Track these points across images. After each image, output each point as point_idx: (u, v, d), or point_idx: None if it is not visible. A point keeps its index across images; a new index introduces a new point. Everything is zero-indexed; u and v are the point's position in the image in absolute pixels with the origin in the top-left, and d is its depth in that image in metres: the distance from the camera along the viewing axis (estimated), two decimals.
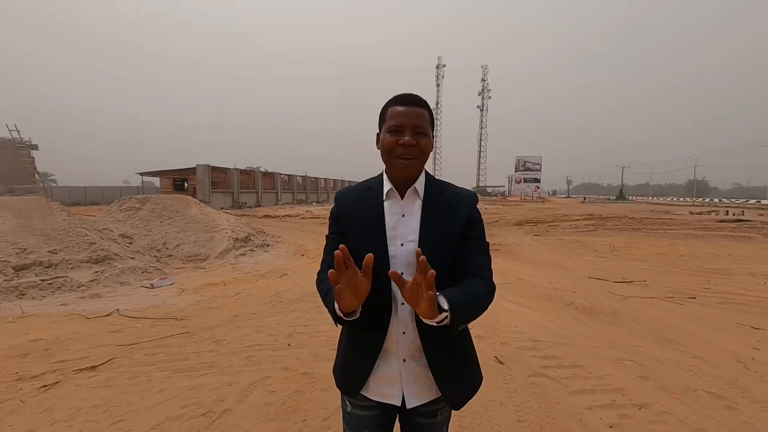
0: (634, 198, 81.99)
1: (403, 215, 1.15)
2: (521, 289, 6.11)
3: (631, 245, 10.93)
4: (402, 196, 1.16)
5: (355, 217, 1.18)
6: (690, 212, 26.31)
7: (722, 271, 7.42)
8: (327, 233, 1.26)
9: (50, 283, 5.69)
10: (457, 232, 1.14)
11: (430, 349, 1.12)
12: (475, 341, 1.27)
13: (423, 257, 0.90)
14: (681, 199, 76.07)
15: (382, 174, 1.22)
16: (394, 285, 1.11)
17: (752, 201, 52.12)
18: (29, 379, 3.06)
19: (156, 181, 41.59)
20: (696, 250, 10.04)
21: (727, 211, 26.01)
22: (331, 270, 0.94)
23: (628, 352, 3.68)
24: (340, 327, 1.15)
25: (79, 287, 5.81)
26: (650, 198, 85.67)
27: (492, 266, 1.21)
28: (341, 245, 0.96)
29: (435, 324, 0.97)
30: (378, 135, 1.18)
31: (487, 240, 1.23)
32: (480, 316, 1.11)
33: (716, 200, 62.74)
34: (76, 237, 6.96)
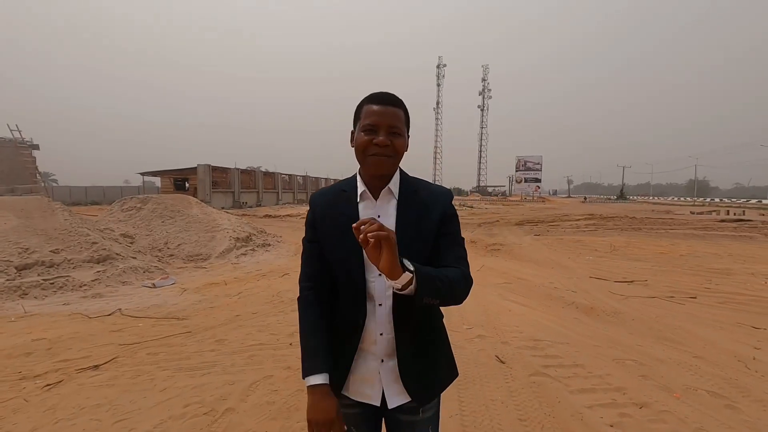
0: (635, 198, 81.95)
1: (379, 216, 1.13)
2: (522, 288, 6.12)
3: (631, 245, 10.93)
4: (376, 197, 1.15)
5: (329, 221, 1.17)
6: (691, 212, 26.30)
7: (723, 271, 7.43)
8: (303, 237, 1.25)
9: (52, 283, 5.71)
10: (433, 230, 1.14)
11: (402, 349, 1.13)
12: (476, 341, 1.28)
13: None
14: (682, 198, 76.00)
15: (355, 175, 1.20)
16: (369, 287, 1.12)
17: (753, 201, 52.06)
18: (32, 378, 3.08)
19: (157, 180, 41.64)
20: (697, 249, 10.04)
21: (728, 211, 25.98)
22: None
23: (628, 352, 3.69)
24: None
25: (81, 287, 5.83)
26: (651, 198, 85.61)
27: (492, 267, 1.21)
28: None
29: (400, 288, 0.97)
30: (352, 133, 1.16)
31: (486, 239, 1.23)
32: (477, 315, 1.11)
33: (717, 200, 62.67)
34: (78, 237, 6.98)
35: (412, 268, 0.97)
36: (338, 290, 1.19)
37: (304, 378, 1.10)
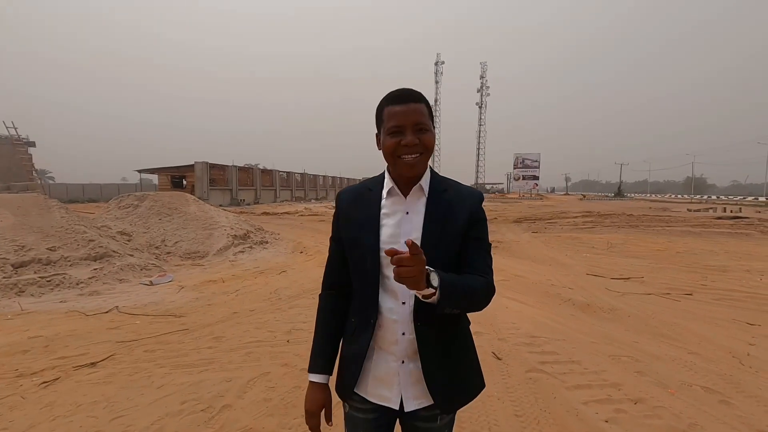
0: (633, 195, 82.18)
1: (408, 213, 1.12)
2: (519, 285, 6.14)
3: (628, 242, 10.97)
4: (406, 194, 1.13)
5: (351, 217, 1.17)
6: (688, 209, 26.37)
7: (719, 268, 7.46)
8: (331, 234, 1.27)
9: (49, 281, 5.70)
10: (460, 231, 1.11)
11: (425, 350, 1.10)
12: (473, 337, 1.28)
13: (411, 241, 0.88)
14: (679, 196, 76.18)
15: (383, 174, 1.19)
16: (393, 285, 1.09)
17: (750, 198, 52.25)
18: (29, 376, 3.08)
19: (154, 178, 41.52)
20: (693, 247, 10.08)
21: (725, 208, 26.06)
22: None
23: (624, 348, 3.71)
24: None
25: (78, 284, 5.82)
26: (648, 195, 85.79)
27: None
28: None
29: (421, 297, 0.97)
30: (377, 136, 1.14)
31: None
32: (476, 312, 1.10)
33: (714, 197, 62.87)
34: (75, 234, 6.96)
35: (436, 284, 0.94)
36: (355, 287, 1.19)
37: (308, 372, 1.22)
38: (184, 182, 36.96)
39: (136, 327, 4.23)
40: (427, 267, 0.93)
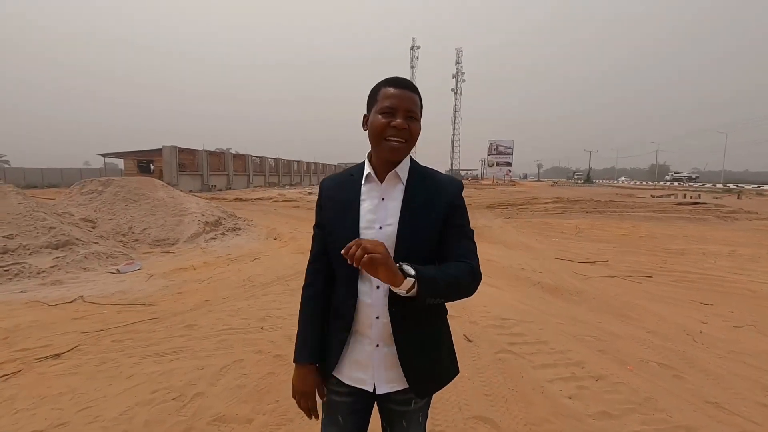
0: (600, 182, 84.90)
1: (383, 199, 1.13)
2: (490, 270, 6.29)
3: (595, 227, 11.39)
4: (382, 180, 1.15)
5: (332, 202, 1.20)
6: (651, 195, 27.52)
7: (678, 251, 7.87)
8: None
9: (7, 270, 5.43)
10: (439, 219, 1.13)
11: (399, 335, 1.13)
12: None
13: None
14: (644, 183, 79.28)
15: (364, 161, 1.21)
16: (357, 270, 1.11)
17: (708, 185, 54.96)
18: None
19: (119, 162, 39.82)
20: (655, 231, 10.57)
21: (686, 195, 27.33)
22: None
23: (588, 328, 3.89)
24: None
25: (38, 273, 5.57)
26: (618, 181, 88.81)
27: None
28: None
29: (405, 293, 0.98)
30: (365, 117, 1.15)
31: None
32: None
33: (676, 184, 65.72)
34: (34, 221, 6.63)
35: (413, 273, 0.97)
36: (335, 272, 1.21)
37: (294, 362, 1.23)
38: (152, 167, 35.63)
39: (103, 316, 4.11)
40: (399, 262, 0.97)
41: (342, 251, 0.95)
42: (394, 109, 1.08)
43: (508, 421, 2.42)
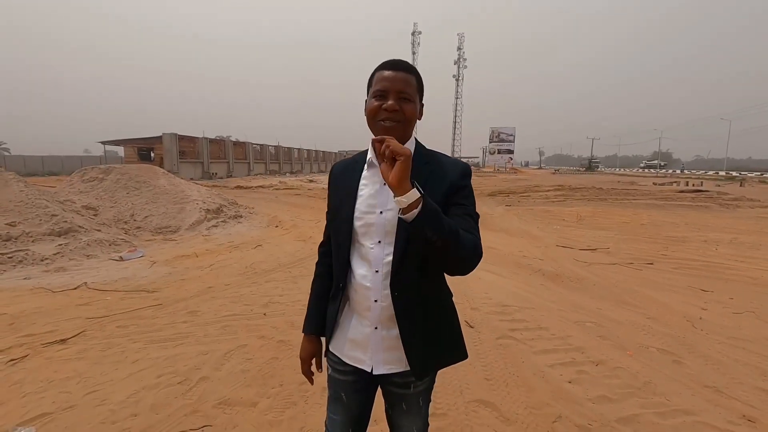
0: (603, 169, 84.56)
1: (384, 183, 1.08)
2: (492, 257, 6.31)
3: (597, 215, 11.38)
4: None
5: (337, 187, 1.24)
6: (653, 183, 27.43)
7: (679, 239, 7.87)
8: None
9: (10, 257, 5.46)
10: (441, 202, 1.06)
11: (402, 320, 1.13)
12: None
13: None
14: (646, 170, 79.00)
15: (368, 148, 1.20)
16: (367, 253, 1.13)
17: (711, 172, 54.69)
18: None
19: (120, 150, 39.70)
20: (656, 219, 10.56)
21: (688, 182, 27.25)
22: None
23: (589, 315, 3.91)
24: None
25: (42, 260, 5.60)
26: (617, 169, 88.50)
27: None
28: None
29: (405, 206, 0.93)
30: (366, 102, 1.15)
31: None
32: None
33: (678, 171, 65.45)
34: (36, 209, 6.64)
35: (422, 192, 0.95)
36: (333, 253, 1.25)
37: (302, 332, 1.35)
38: (152, 155, 35.52)
39: (107, 303, 4.14)
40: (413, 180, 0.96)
41: (372, 138, 1.07)
42: (386, 92, 1.08)
43: (509, 404, 2.45)
